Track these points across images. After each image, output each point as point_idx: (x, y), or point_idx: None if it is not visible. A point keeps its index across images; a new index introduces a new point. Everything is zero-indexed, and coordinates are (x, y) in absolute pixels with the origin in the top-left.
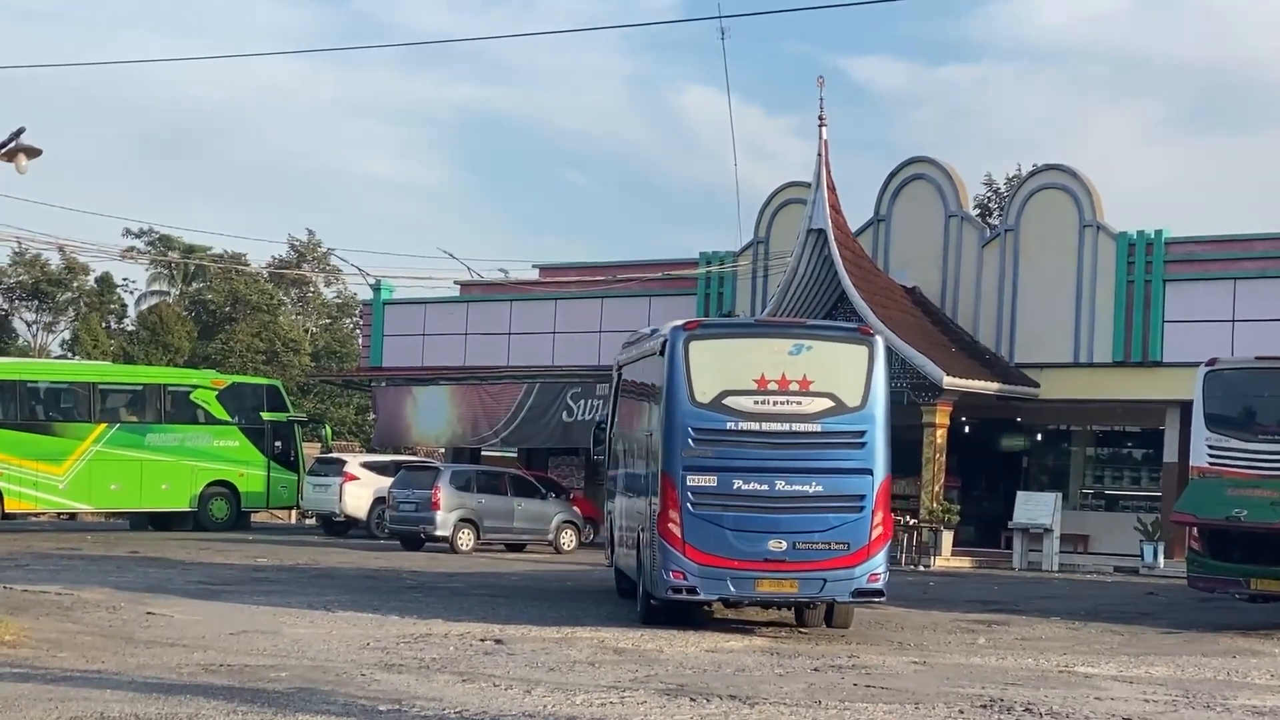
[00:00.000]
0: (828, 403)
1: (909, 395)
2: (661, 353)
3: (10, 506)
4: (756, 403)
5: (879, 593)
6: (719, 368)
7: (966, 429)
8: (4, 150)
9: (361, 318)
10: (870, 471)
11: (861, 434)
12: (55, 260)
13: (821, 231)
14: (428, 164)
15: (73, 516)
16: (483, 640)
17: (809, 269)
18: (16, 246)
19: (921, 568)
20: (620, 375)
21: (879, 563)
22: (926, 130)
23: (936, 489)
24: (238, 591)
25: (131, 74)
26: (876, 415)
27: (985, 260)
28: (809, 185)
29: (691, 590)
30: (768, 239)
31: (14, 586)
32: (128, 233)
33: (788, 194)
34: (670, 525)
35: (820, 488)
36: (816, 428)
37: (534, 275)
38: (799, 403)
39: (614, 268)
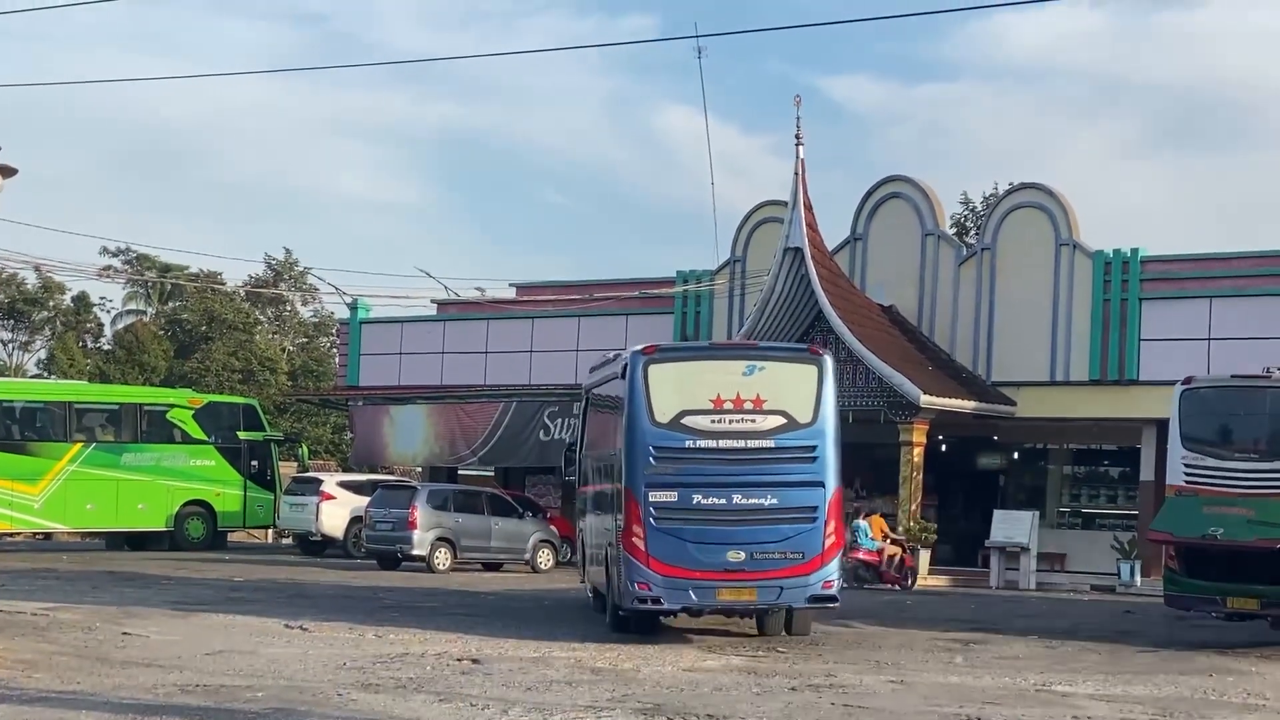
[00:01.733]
0: (780, 420)
1: (886, 414)
2: (623, 376)
3: None
4: (713, 421)
5: (833, 598)
6: (677, 389)
7: (944, 447)
8: None
9: (338, 336)
10: (822, 484)
11: (813, 448)
12: (31, 279)
13: (798, 250)
14: (405, 183)
15: (48, 536)
16: (460, 660)
17: (786, 287)
18: None
19: (898, 586)
20: (588, 398)
21: (832, 570)
22: (904, 149)
23: (914, 508)
24: (214, 611)
25: (108, 92)
26: (827, 430)
27: (962, 279)
28: (786, 204)
29: (656, 600)
30: (745, 257)
31: None
32: (104, 251)
33: (765, 212)
34: (634, 539)
35: (775, 500)
36: (770, 444)
37: (511, 294)
38: (753, 420)
39: (591, 286)
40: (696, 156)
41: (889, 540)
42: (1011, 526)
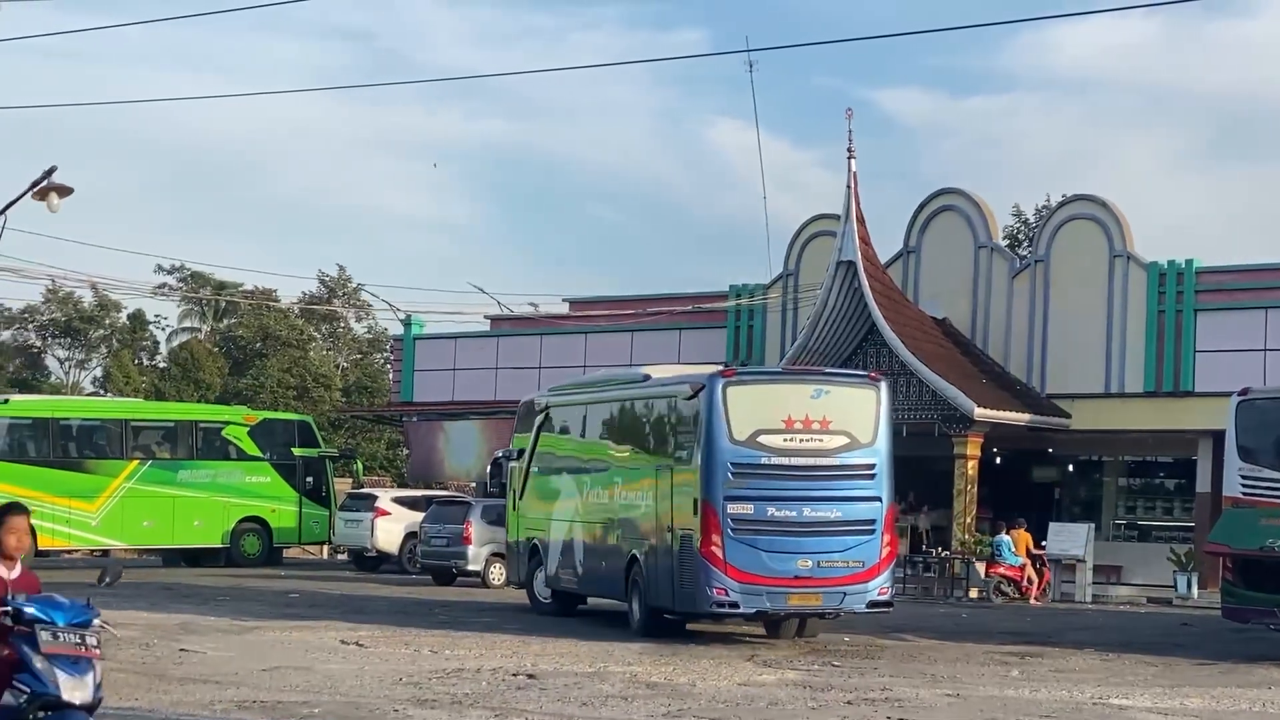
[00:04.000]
0: (844, 439)
1: (940, 427)
2: (695, 396)
3: (43, 544)
4: (785, 440)
5: (889, 603)
6: (752, 410)
7: (998, 460)
8: (36, 189)
9: (392, 352)
10: (880, 499)
11: (872, 466)
12: (88, 298)
13: (851, 263)
14: (456, 199)
15: (105, 553)
16: (515, 675)
17: (839, 301)
18: (50, 284)
19: (953, 600)
20: (551, 415)
21: (887, 578)
22: (955, 161)
23: (968, 521)
24: (270, 627)
25: (160, 111)
26: (884, 450)
27: (1015, 291)
28: (838, 217)
29: (734, 605)
30: (798, 271)
31: None
32: (159, 269)
33: (817, 226)
34: (713, 548)
35: (839, 514)
36: (835, 461)
37: (563, 309)
38: (820, 440)
39: (644, 301)
40: (748, 170)
41: (1030, 556)
42: (1067, 539)
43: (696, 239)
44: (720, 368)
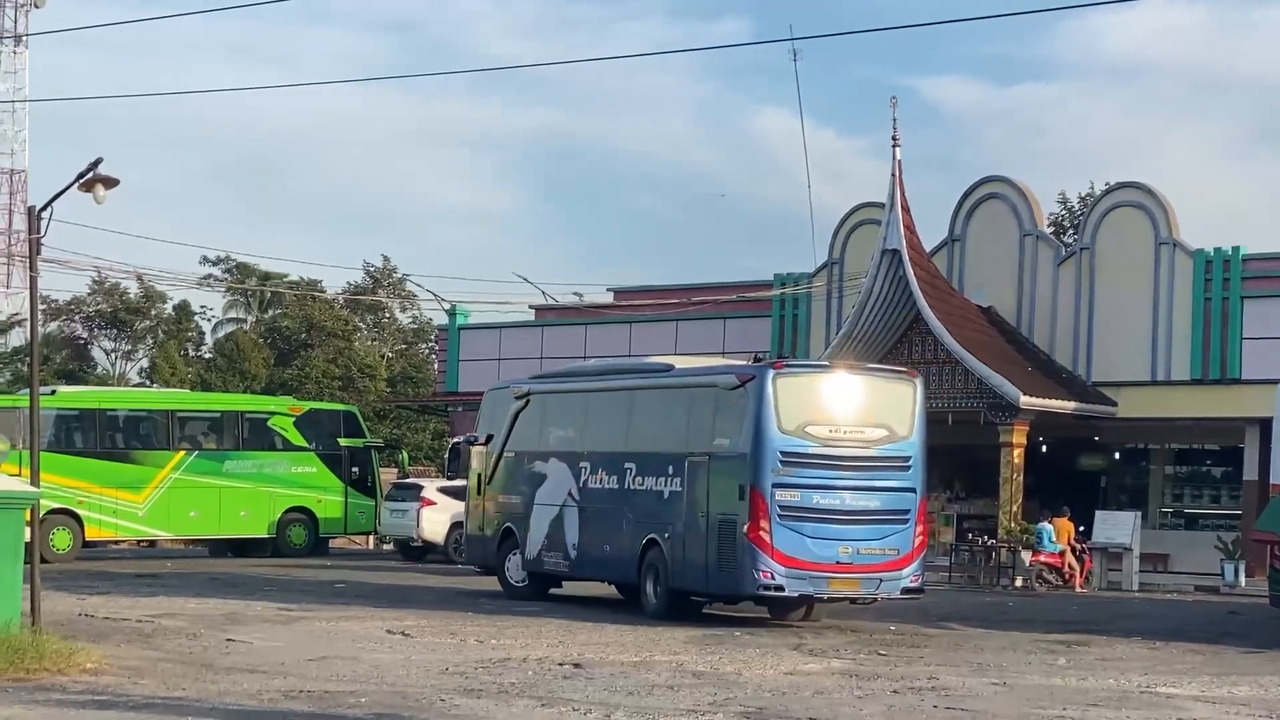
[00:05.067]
0: (883, 432)
1: (986, 415)
2: (741, 387)
3: (90, 534)
4: (831, 431)
5: (921, 590)
6: (800, 402)
7: (1044, 448)
8: (82, 181)
9: (437, 342)
10: (915, 490)
11: (908, 459)
12: (134, 289)
13: (896, 252)
14: (501, 190)
15: (152, 544)
16: (561, 664)
17: (884, 290)
18: (96, 276)
19: (999, 588)
20: (535, 403)
21: (919, 566)
22: (999, 150)
23: (1014, 509)
24: (317, 617)
25: (206, 104)
26: (919, 443)
27: (1061, 279)
28: (883, 206)
29: (779, 588)
30: (842, 260)
31: (95, 614)
32: (204, 260)
33: (862, 215)
34: (761, 533)
35: (878, 503)
36: (875, 453)
37: (608, 299)
38: (862, 432)
39: (688, 290)
40: (792, 160)
41: (1071, 544)
42: (1113, 527)
43: (741, 228)
44: (769, 361)
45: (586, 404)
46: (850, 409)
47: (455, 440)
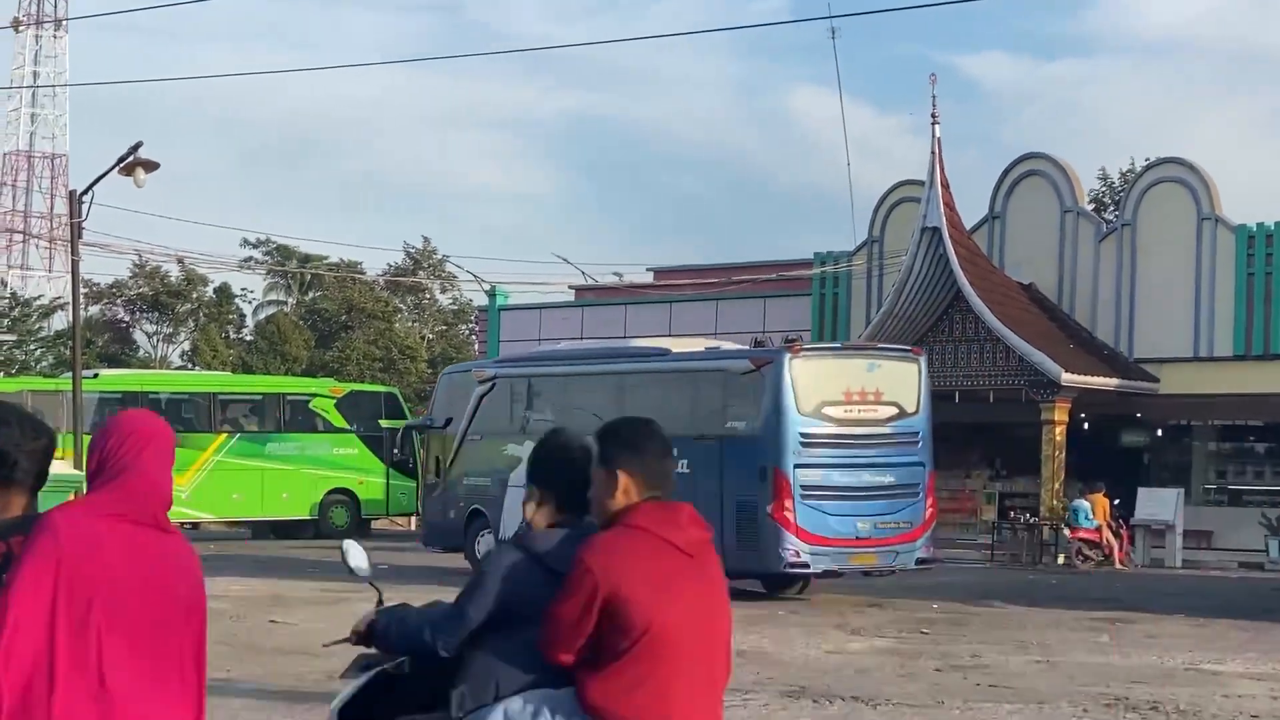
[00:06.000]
0: (894, 410)
1: (1027, 393)
2: (757, 370)
3: None
4: (846, 411)
5: (933, 560)
6: (817, 383)
7: (1086, 426)
8: (123, 165)
9: (477, 323)
10: (924, 464)
11: (917, 434)
12: (175, 272)
13: (936, 230)
14: (540, 170)
15: (195, 526)
16: None
17: (924, 268)
18: (137, 259)
19: (1041, 566)
20: (503, 387)
21: (929, 538)
22: (1039, 126)
23: (1056, 487)
24: (360, 599)
25: (245, 87)
26: (926, 418)
27: (1102, 255)
28: (922, 183)
29: (804, 565)
30: (882, 238)
31: None
32: (245, 243)
33: (901, 192)
34: (785, 512)
35: (892, 479)
36: (888, 430)
37: (649, 278)
38: (875, 410)
39: (728, 269)
40: (831, 138)
41: (1109, 522)
42: (1156, 504)
43: (780, 207)
44: (785, 345)
45: (566, 388)
46: (862, 389)
47: (409, 423)
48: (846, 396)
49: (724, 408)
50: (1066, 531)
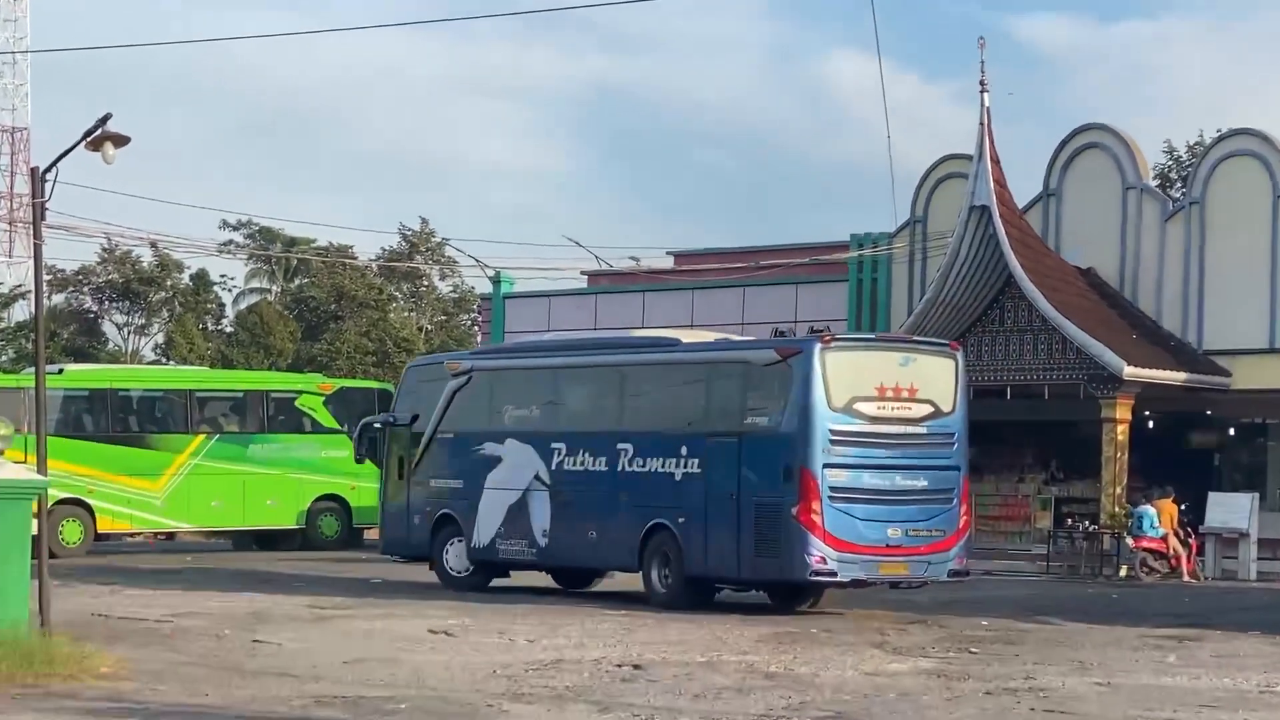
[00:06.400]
0: (929, 408)
1: (1086, 388)
2: (783, 362)
3: (103, 527)
4: (879, 408)
5: (966, 572)
6: (849, 377)
7: (1150, 424)
8: (90, 139)
9: (480, 313)
10: (959, 468)
11: (952, 435)
12: (147, 257)
13: (985, 208)
14: (550, 145)
15: (171, 536)
16: (619, 665)
17: (972, 250)
18: (106, 243)
19: (1102, 578)
20: (482, 380)
21: (963, 547)
22: (1099, 95)
23: (1118, 491)
24: (351, 616)
25: (226, 55)
26: (962, 418)
27: (1168, 236)
28: (970, 158)
29: (831, 573)
30: (926, 218)
31: (110, 614)
32: (225, 225)
33: (947, 168)
34: (813, 515)
35: (925, 483)
36: (922, 430)
37: (668, 263)
38: (909, 408)
39: (757, 253)
40: (870, 108)
41: (1176, 530)
42: (1228, 510)
43: (815, 185)
44: (816, 335)
45: (558, 381)
46: (896, 384)
47: (368, 420)
48: (879, 392)
49: (743, 402)
50: (1129, 540)
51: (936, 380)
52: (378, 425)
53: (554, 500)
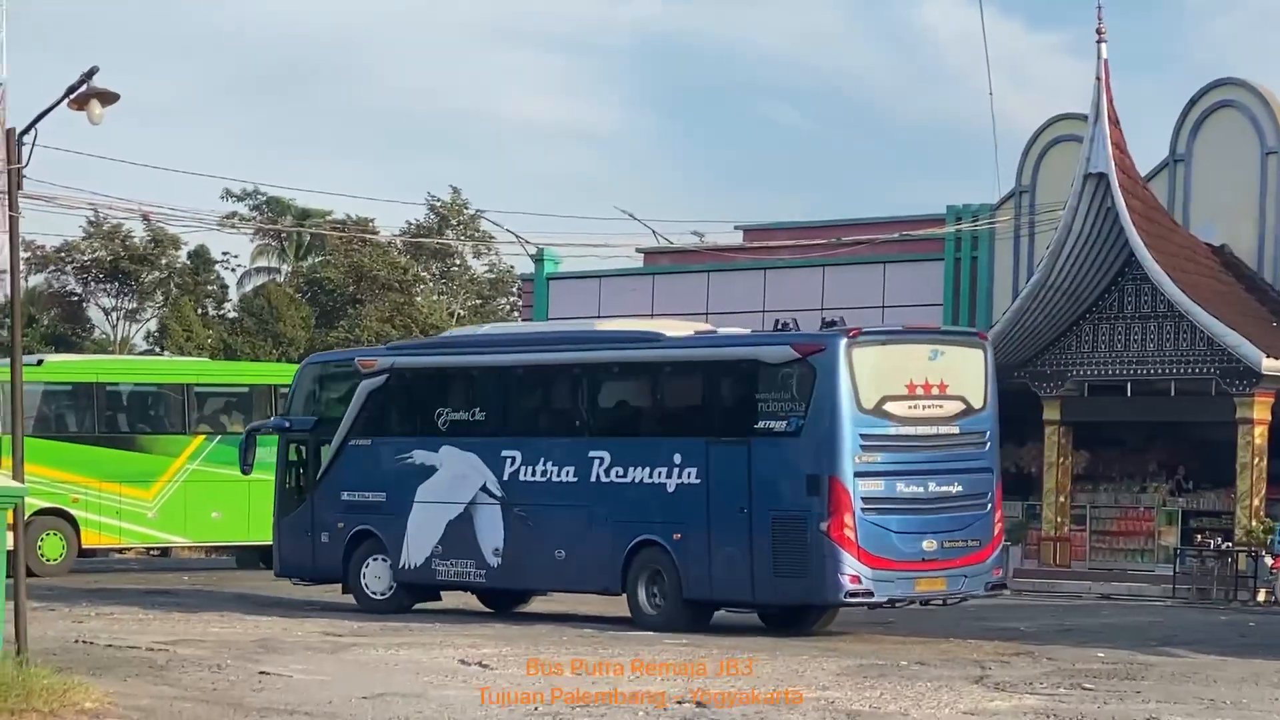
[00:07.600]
0: (960, 405)
1: (1218, 383)
2: (802, 359)
3: (88, 541)
4: (910, 407)
5: (1004, 584)
6: (877, 374)
7: None
8: (74, 96)
9: (520, 296)
10: (991, 470)
11: (984, 434)
12: (139, 231)
13: (1103, 176)
14: (598, 103)
15: (164, 552)
16: (680, 702)
17: (1087, 225)
18: (92, 216)
19: (1236, 603)
20: (407, 379)
21: (999, 557)
22: (1234, 44)
23: (1255, 503)
24: (371, 643)
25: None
26: (993, 415)
27: None
28: (1085, 118)
29: (867, 593)
30: (1033, 187)
31: (96, 640)
32: (228, 195)
33: (1058, 130)
34: (846, 530)
35: (959, 487)
36: (955, 430)
37: (736, 239)
38: (940, 406)
39: (838, 228)
40: (970, 61)
41: None
42: None
43: (904, 148)
44: (839, 329)
45: (511, 381)
46: (926, 380)
47: (254, 426)
48: (909, 390)
49: (753, 404)
50: (1268, 560)
51: (966, 374)
52: (270, 431)
53: (508, 515)
